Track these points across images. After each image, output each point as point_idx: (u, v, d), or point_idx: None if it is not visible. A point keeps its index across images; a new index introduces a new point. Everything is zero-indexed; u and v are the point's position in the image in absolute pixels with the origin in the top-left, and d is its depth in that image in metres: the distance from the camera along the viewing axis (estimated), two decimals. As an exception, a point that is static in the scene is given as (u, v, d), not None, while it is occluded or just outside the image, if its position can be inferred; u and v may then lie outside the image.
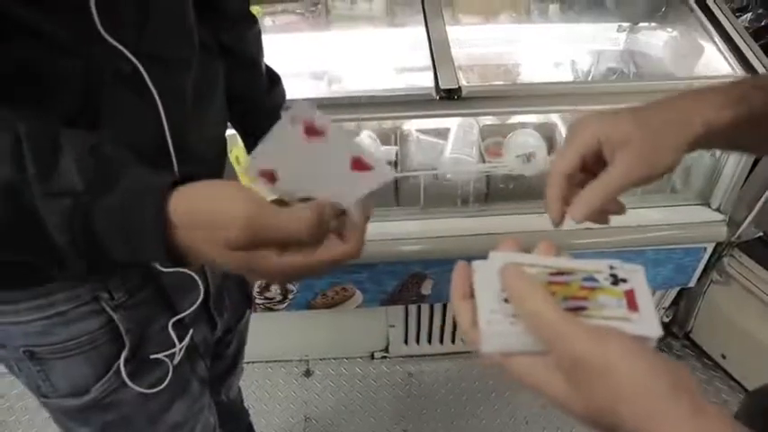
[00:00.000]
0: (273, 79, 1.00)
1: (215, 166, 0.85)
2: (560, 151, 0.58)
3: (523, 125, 1.55)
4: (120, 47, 0.60)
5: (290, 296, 1.57)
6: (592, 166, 0.57)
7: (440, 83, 1.29)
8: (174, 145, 0.68)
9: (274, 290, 1.53)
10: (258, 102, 0.97)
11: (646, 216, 1.47)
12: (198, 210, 0.47)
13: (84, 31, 0.56)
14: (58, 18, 0.55)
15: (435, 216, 1.48)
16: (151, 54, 0.63)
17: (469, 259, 0.48)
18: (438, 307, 1.74)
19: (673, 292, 1.79)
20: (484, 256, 0.48)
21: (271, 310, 1.59)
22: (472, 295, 0.46)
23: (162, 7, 0.65)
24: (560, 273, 0.46)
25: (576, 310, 0.43)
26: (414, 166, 1.50)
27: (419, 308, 1.75)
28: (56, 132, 0.48)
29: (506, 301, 0.44)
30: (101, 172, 0.47)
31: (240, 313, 1.06)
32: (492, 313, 0.44)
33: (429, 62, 1.38)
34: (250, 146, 1.03)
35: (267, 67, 0.99)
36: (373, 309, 1.67)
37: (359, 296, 1.58)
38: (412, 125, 1.58)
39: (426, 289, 1.58)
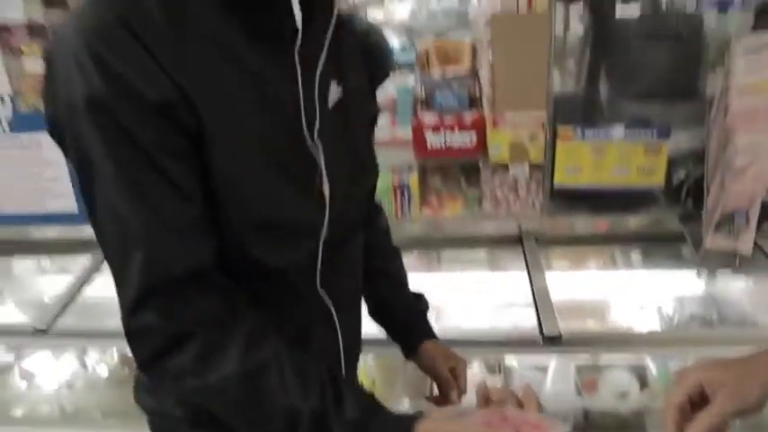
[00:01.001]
0: (420, 300, 1.22)
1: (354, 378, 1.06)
2: (671, 391, 0.77)
3: (617, 364, 1.72)
4: (327, 299, 0.85)
5: None
6: (698, 404, 0.76)
7: (543, 329, 1.50)
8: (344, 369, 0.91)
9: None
10: (408, 316, 1.18)
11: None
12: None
13: (309, 286, 0.82)
14: (298, 276, 0.80)
15: (536, 446, 1.60)
16: (337, 301, 0.87)
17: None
18: None
19: None
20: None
21: None
22: None
23: (347, 259, 0.91)
24: None
25: None
26: (516, 397, 1.67)
27: None
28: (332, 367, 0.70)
29: None
30: (366, 403, 0.69)
31: None
32: None
33: (529, 301, 1.60)
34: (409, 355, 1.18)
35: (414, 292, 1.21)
36: None
37: None
38: (514, 358, 1.78)
39: None
